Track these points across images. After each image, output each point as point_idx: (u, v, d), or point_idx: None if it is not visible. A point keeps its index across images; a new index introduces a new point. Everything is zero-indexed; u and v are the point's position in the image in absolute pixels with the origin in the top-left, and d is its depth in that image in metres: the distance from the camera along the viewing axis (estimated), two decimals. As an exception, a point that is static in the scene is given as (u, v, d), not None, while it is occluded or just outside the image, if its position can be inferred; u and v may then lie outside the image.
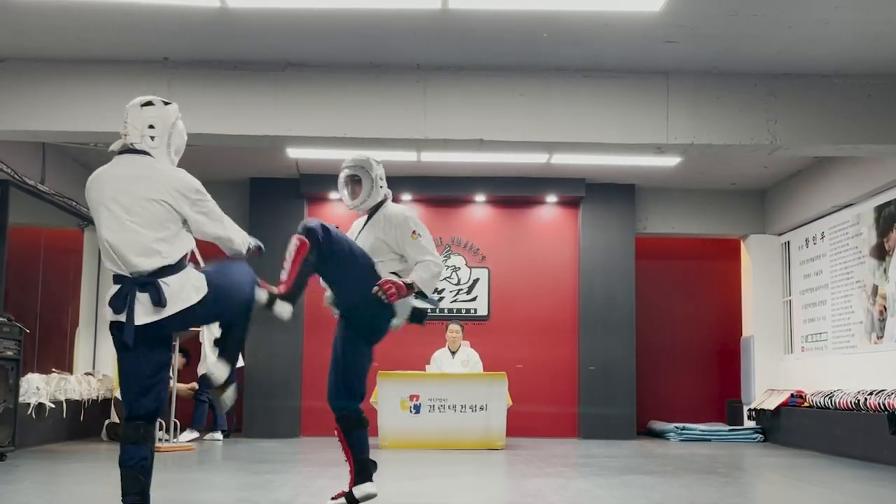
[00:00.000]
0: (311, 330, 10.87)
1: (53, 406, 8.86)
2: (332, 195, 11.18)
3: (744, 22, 6.32)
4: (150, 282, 3.67)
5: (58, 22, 6.50)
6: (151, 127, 3.89)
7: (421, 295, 4.64)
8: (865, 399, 8.24)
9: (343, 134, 7.36)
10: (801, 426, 9.69)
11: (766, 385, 11.03)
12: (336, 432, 4.77)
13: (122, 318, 3.67)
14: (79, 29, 6.62)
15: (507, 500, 5.64)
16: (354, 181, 4.85)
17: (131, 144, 3.87)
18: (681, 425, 10.93)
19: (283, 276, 4.53)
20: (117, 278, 3.74)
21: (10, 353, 7.39)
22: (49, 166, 9.30)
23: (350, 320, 4.73)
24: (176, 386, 9.12)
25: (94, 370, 10.52)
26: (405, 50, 7.00)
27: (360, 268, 4.58)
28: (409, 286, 4.56)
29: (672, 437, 10.82)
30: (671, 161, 9.75)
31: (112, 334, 3.79)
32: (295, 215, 11.07)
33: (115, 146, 3.93)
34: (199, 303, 3.77)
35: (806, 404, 9.75)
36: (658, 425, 11.54)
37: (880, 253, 8.96)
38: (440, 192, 11.13)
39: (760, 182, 11.06)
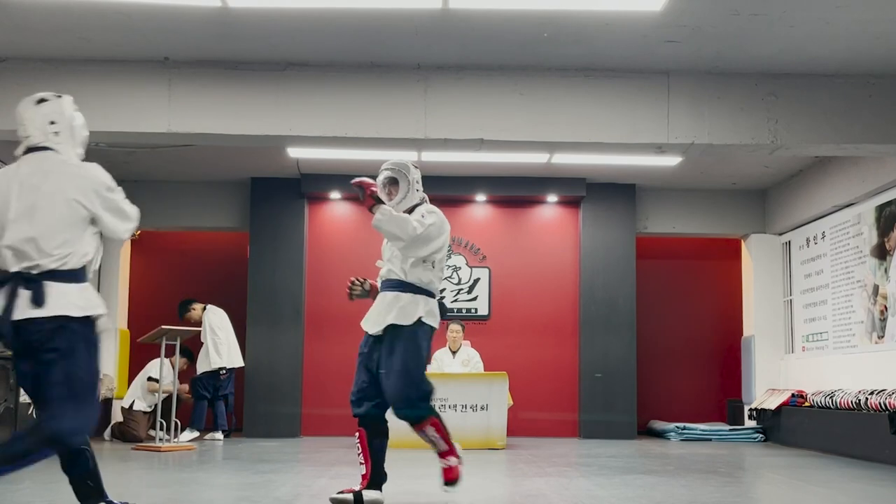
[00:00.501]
0: (312, 329, 10.89)
1: (54, 406, 8.84)
2: (333, 195, 11.19)
3: (745, 21, 6.32)
4: (35, 279, 3.53)
5: (58, 21, 6.50)
6: (53, 123, 3.75)
7: None
8: (866, 399, 8.24)
9: (344, 133, 7.35)
10: (801, 426, 9.69)
11: (766, 385, 11.03)
12: (358, 435, 4.86)
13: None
14: (79, 28, 6.62)
15: (508, 499, 5.63)
16: (392, 182, 4.99)
17: (36, 144, 3.73)
18: (681, 425, 10.93)
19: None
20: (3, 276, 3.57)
21: (10, 352, 7.38)
22: (50, 166, 9.28)
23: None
24: (176, 389, 9.12)
25: (94, 370, 10.50)
26: (406, 49, 7.00)
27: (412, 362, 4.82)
28: (376, 200, 4.78)
29: (673, 437, 10.82)
30: (672, 161, 9.74)
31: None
32: (296, 215, 11.09)
33: (18, 150, 3.78)
34: (75, 321, 3.54)
35: (807, 404, 9.75)
36: (659, 425, 11.53)
37: (881, 252, 8.95)
38: (441, 191, 11.06)
39: (761, 182, 11.05)
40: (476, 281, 11.33)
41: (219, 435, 10.03)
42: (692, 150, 7.65)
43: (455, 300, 11.28)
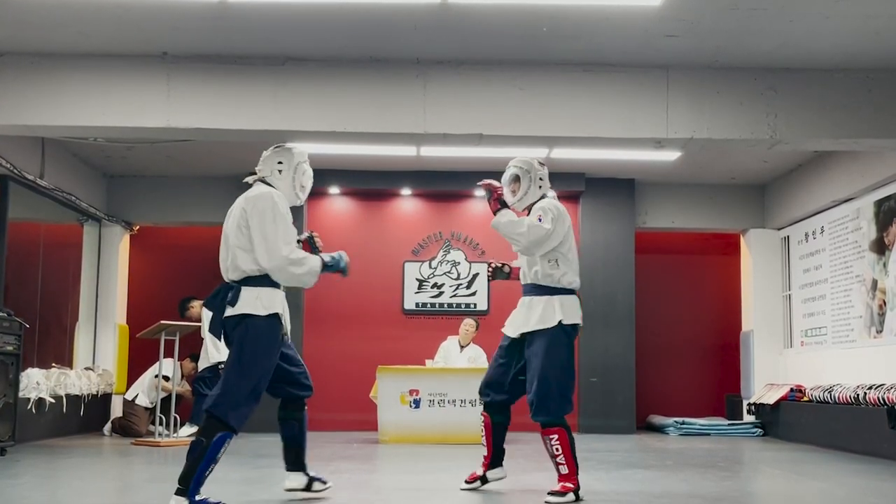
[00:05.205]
0: (311, 325, 10.88)
1: (53, 401, 8.86)
2: (332, 190, 11.18)
3: (744, 16, 6.31)
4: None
5: (57, 16, 6.49)
6: (280, 163, 4.87)
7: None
8: (865, 393, 8.25)
9: (343, 128, 7.35)
10: (800, 420, 9.70)
11: (765, 379, 11.04)
12: (483, 420, 5.45)
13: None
14: (78, 23, 6.61)
15: (507, 494, 5.64)
16: (515, 180, 5.37)
17: (261, 178, 4.90)
18: (680, 420, 10.94)
19: (563, 470, 5.05)
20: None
21: (10, 347, 7.39)
22: (48, 161, 9.29)
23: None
24: (175, 389, 9.12)
25: (93, 365, 10.52)
26: (405, 44, 6.99)
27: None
28: (502, 204, 5.22)
29: (671, 432, 10.83)
30: (671, 155, 9.74)
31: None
32: (295, 210, 11.06)
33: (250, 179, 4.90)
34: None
35: (805, 399, 9.76)
36: (658, 420, 11.54)
37: (880, 247, 8.96)
38: (440, 186, 11.12)
39: (760, 176, 11.05)
40: (475, 276, 11.33)
41: (218, 430, 10.00)
42: (691, 145, 7.65)
43: (454, 295, 11.28)
